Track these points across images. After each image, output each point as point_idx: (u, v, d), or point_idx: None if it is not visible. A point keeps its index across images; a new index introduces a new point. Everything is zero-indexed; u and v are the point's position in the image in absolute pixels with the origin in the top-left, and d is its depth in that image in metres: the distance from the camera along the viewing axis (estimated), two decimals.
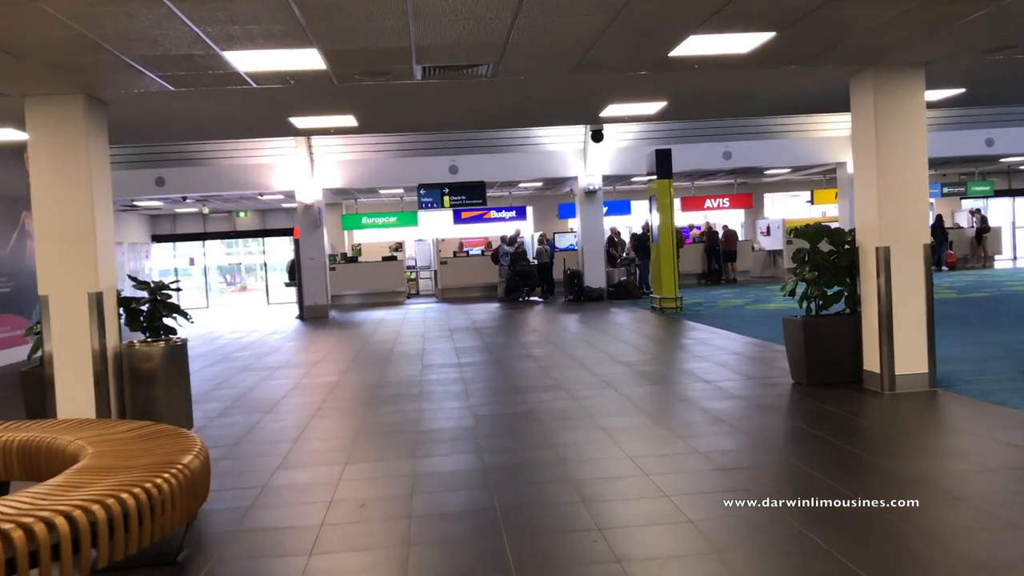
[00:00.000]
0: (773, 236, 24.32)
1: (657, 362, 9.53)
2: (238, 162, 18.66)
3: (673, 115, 9.31)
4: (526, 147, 19.03)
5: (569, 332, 12.89)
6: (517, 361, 9.88)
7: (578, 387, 7.82)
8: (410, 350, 11.45)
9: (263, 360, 11.29)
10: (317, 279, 19.01)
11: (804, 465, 4.92)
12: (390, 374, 9.37)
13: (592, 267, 19.49)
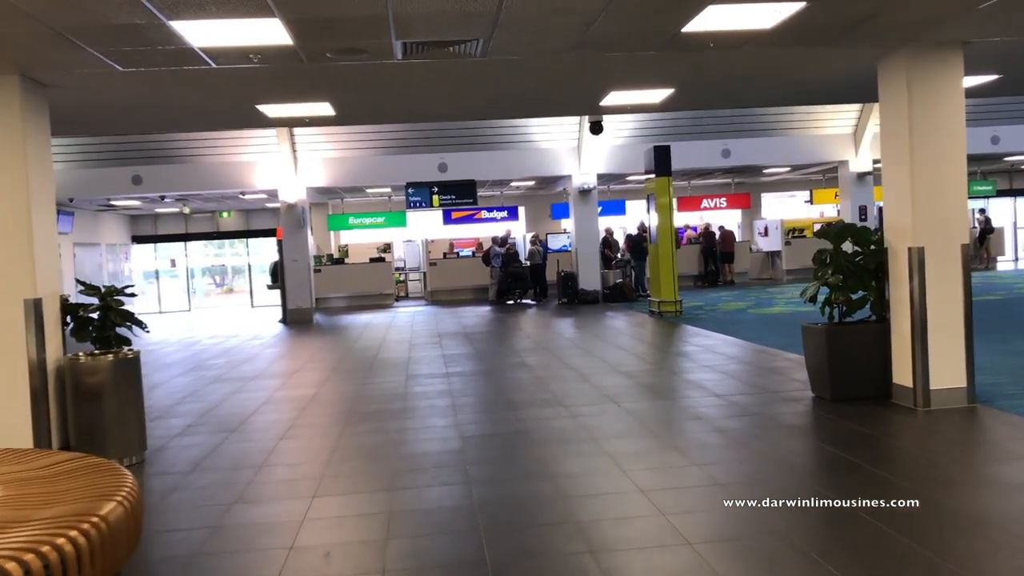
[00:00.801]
0: (771, 237, 23.68)
1: (661, 372, 8.83)
2: (219, 159, 17.90)
3: (680, 104, 8.60)
4: (518, 144, 18.33)
5: (564, 338, 12.20)
6: (510, 371, 9.17)
7: (577, 402, 7.12)
8: (395, 358, 10.73)
9: (238, 369, 10.55)
10: (301, 281, 18.25)
11: (844, 501, 4.22)
12: (372, 386, 8.64)
13: (587, 269, 18.79)
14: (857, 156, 19.09)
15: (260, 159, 17.95)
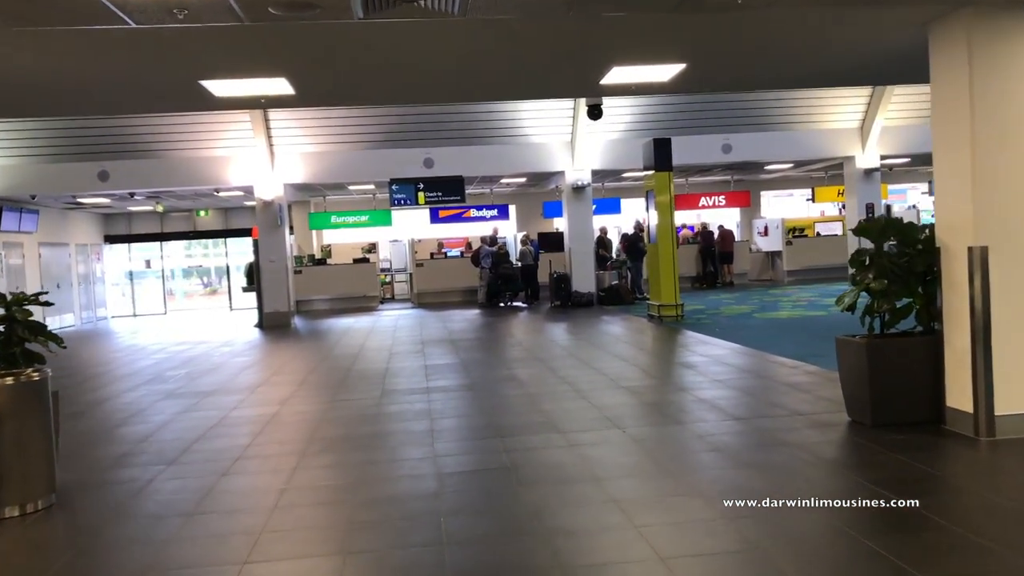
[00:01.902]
0: (772, 237, 22.78)
1: (667, 388, 7.85)
2: (191, 154, 16.85)
3: (690, 84, 7.60)
4: (509, 138, 17.34)
5: (558, 346, 11.21)
6: (498, 386, 8.17)
7: (574, 426, 6.13)
8: (372, 369, 9.72)
9: (198, 382, 9.52)
10: (278, 284, 17.21)
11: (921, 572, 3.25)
12: (342, 404, 7.63)
13: (580, 270, 17.82)
14: (864, 152, 18.18)
15: (235, 153, 16.91)
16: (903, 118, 17.97)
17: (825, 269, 21.47)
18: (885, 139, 18.07)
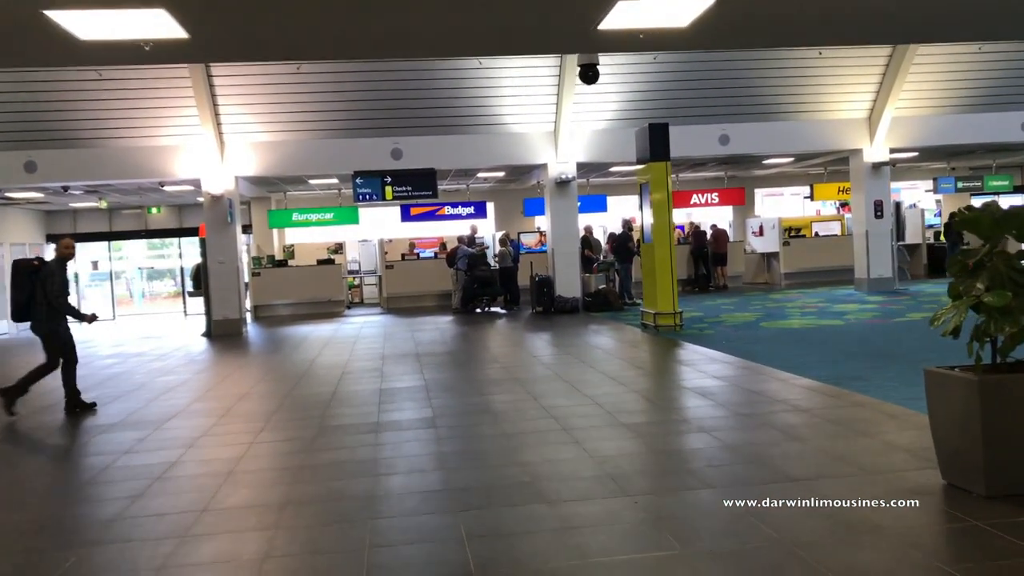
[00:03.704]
0: (767, 236, 21.27)
1: (683, 426, 6.19)
2: (131, 143, 15.03)
3: (717, 30, 5.92)
4: (485, 127, 15.66)
5: (542, 364, 9.54)
6: (467, 421, 6.50)
7: (566, 491, 4.47)
8: (315, 395, 8.01)
9: (103, 411, 7.76)
10: (228, 288, 15.42)
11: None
12: (261, 448, 5.93)
13: (565, 273, 16.18)
14: (872, 144, 16.68)
15: (181, 143, 15.12)
16: (915, 107, 16.50)
17: (824, 272, 20.02)
18: (894, 131, 16.58)
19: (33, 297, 7.38)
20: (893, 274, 17.03)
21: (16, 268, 7.56)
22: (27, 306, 7.43)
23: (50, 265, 7.55)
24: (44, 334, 7.55)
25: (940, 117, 16.64)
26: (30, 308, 7.43)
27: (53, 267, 7.52)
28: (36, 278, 7.39)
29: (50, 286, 7.34)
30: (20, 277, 7.45)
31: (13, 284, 7.48)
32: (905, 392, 6.55)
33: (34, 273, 7.43)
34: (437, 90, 14.83)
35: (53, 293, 7.34)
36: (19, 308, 7.47)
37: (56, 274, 7.45)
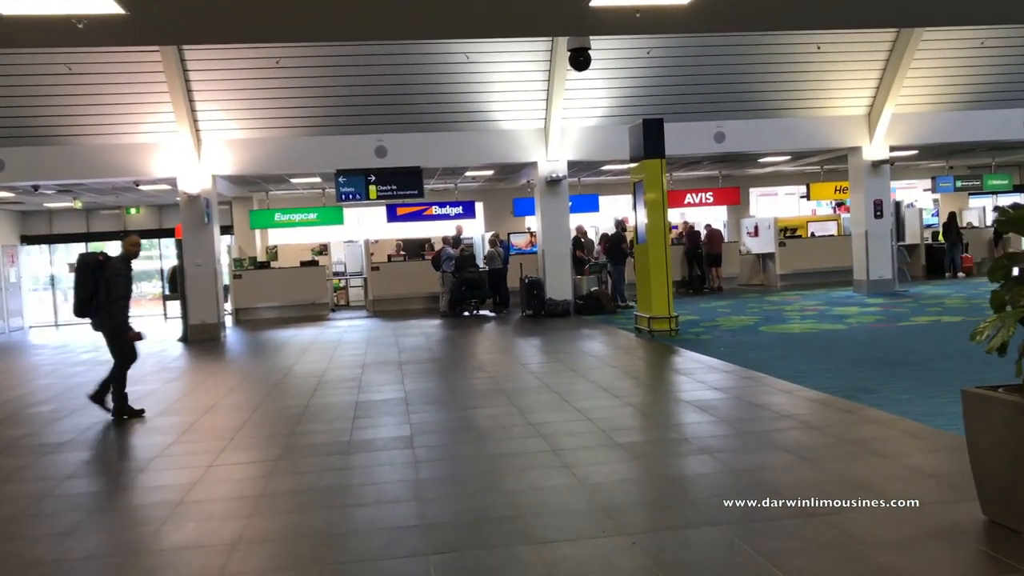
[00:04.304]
0: (762, 237, 20.78)
1: (683, 446, 5.65)
2: (104, 141, 14.41)
3: (721, 10, 5.37)
4: (473, 123, 15.12)
5: (530, 372, 9.00)
6: (447, 440, 5.96)
7: (553, 528, 3.94)
8: (286, 408, 7.46)
9: (50, 429, 7.19)
10: (206, 291, 14.83)
11: None
12: (221, 472, 5.37)
13: (555, 275, 15.64)
14: (872, 142, 16.21)
15: (157, 140, 14.51)
16: (915, 104, 16.04)
17: (821, 273, 19.56)
18: (894, 128, 16.11)
19: (96, 294, 7.20)
20: (893, 275, 16.56)
21: (81, 263, 7.37)
22: (89, 302, 7.25)
23: (115, 262, 7.31)
24: (111, 329, 7.31)
25: (941, 114, 16.18)
26: (93, 305, 7.26)
27: (119, 265, 7.30)
28: (100, 275, 7.21)
29: (115, 285, 7.18)
30: (84, 273, 7.26)
31: (77, 279, 7.30)
32: (922, 406, 6.05)
33: (98, 269, 7.24)
34: (422, 85, 14.29)
35: (117, 293, 7.20)
36: (82, 304, 7.29)
37: (122, 273, 7.28)
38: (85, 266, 7.31)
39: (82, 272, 7.29)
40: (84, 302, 7.28)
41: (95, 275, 7.23)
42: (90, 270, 7.26)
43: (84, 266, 7.32)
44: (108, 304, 7.20)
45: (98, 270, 7.25)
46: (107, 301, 7.19)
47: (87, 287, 7.24)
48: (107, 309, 7.21)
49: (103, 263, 7.29)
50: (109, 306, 7.20)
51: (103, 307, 7.22)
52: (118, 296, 7.22)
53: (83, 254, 7.55)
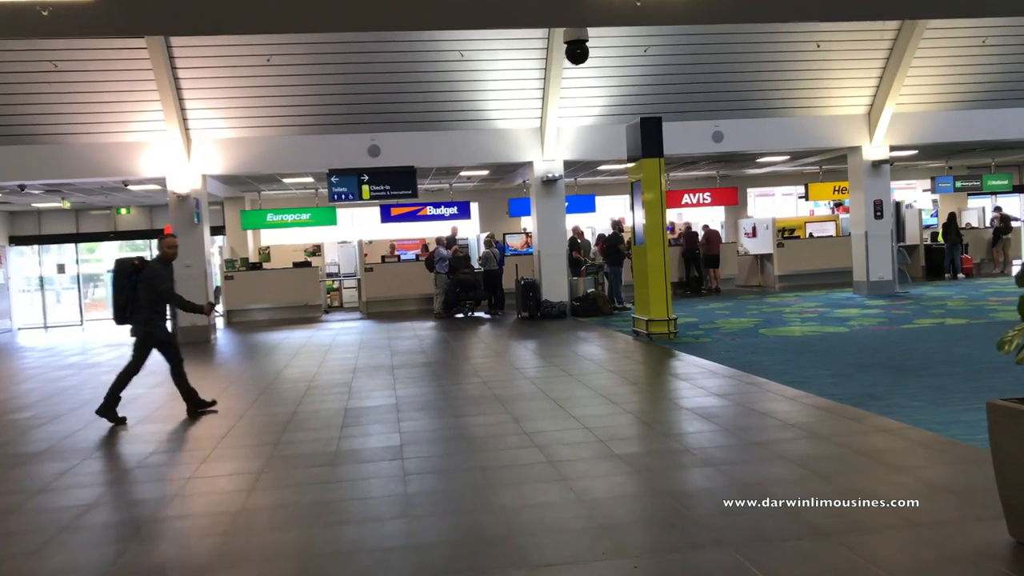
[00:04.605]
0: (760, 238, 20.56)
1: (685, 457, 5.40)
2: (91, 140, 14.14)
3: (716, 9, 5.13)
4: (468, 122, 14.87)
5: (524, 377, 8.74)
6: (437, 451, 5.71)
7: (549, 549, 3.68)
8: (272, 415, 7.20)
9: (21, 440, 6.92)
10: (195, 292, 14.49)
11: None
12: (198, 486, 5.11)
13: (551, 276, 15.40)
14: (872, 142, 16.00)
15: (146, 139, 14.24)
16: (916, 103, 15.83)
17: (820, 274, 19.38)
18: (894, 127, 15.90)
19: (133, 299, 7.09)
20: (893, 277, 16.34)
21: (118, 268, 7.25)
22: (126, 308, 7.17)
23: (152, 265, 7.18)
24: (140, 336, 7.22)
25: (942, 113, 15.97)
26: (129, 310, 7.18)
27: (157, 268, 7.17)
28: (136, 279, 7.09)
29: (160, 286, 7.06)
30: (121, 278, 7.16)
31: (115, 285, 7.20)
32: (933, 414, 5.82)
33: (135, 274, 7.13)
34: (416, 83, 14.03)
35: (167, 293, 7.11)
36: (121, 310, 7.20)
37: (162, 275, 7.15)
38: (121, 271, 7.19)
39: (119, 277, 7.18)
40: (122, 308, 7.17)
41: (131, 280, 7.11)
42: (126, 275, 7.14)
43: (120, 271, 7.20)
44: (146, 308, 7.07)
45: (134, 274, 7.11)
46: (146, 305, 7.06)
47: (124, 292, 7.13)
48: (142, 315, 7.09)
49: (139, 267, 7.16)
50: (146, 310, 7.07)
51: (138, 312, 7.10)
52: (169, 293, 7.13)
53: (120, 259, 7.39)
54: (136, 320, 7.16)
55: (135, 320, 7.17)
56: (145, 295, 7.04)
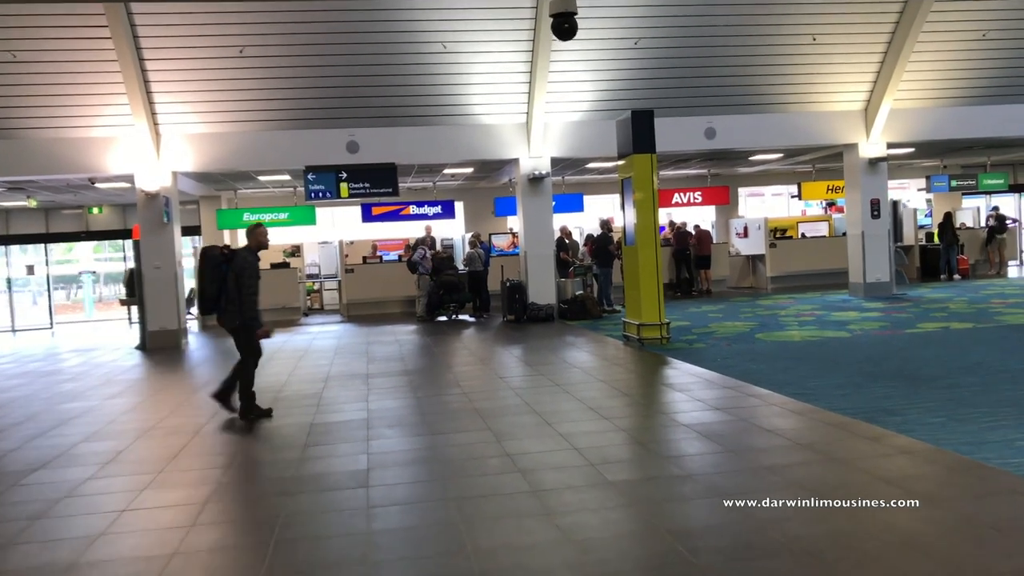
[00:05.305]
0: (752, 238, 20.05)
1: (690, 491, 4.82)
2: (54, 135, 13.42)
3: None
4: (451, 117, 14.25)
5: (508, 388, 8.13)
6: (411, 474, 5.09)
7: None
8: (230, 432, 6.56)
9: None
10: (166, 295, 13.88)
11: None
12: (114, 535, 4.47)
13: (538, 278, 14.80)
14: (869, 139, 15.48)
15: (114, 135, 13.54)
16: (914, 99, 15.32)
17: (813, 275, 18.90)
18: (892, 124, 15.40)
19: (224, 289, 6.84)
20: (891, 278, 15.84)
21: (206, 258, 6.99)
22: (217, 299, 6.93)
23: (243, 254, 6.90)
24: (235, 327, 6.97)
25: (941, 109, 15.47)
26: (221, 301, 6.93)
27: (249, 258, 6.90)
28: (227, 269, 6.84)
29: (247, 278, 6.80)
30: (211, 267, 6.91)
31: (204, 275, 6.95)
32: (958, 433, 5.26)
33: (225, 263, 6.88)
34: (397, 76, 13.40)
35: (250, 288, 6.83)
36: (211, 300, 6.97)
37: (253, 266, 6.90)
38: (210, 260, 6.94)
39: (208, 267, 6.92)
40: (212, 299, 6.93)
41: (222, 270, 6.85)
42: (216, 264, 6.89)
43: (209, 261, 6.95)
44: (238, 299, 6.79)
45: (224, 264, 6.85)
46: (237, 296, 6.78)
47: (214, 283, 6.88)
48: (236, 305, 6.81)
49: (229, 256, 6.91)
50: (239, 301, 6.79)
51: (232, 303, 6.82)
52: (250, 291, 6.83)
53: (206, 248, 7.16)
54: (230, 311, 6.87)
55: (229, 311, 6.88)
56: (234, 284, 6.76)
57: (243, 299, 6.80)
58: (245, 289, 6.80)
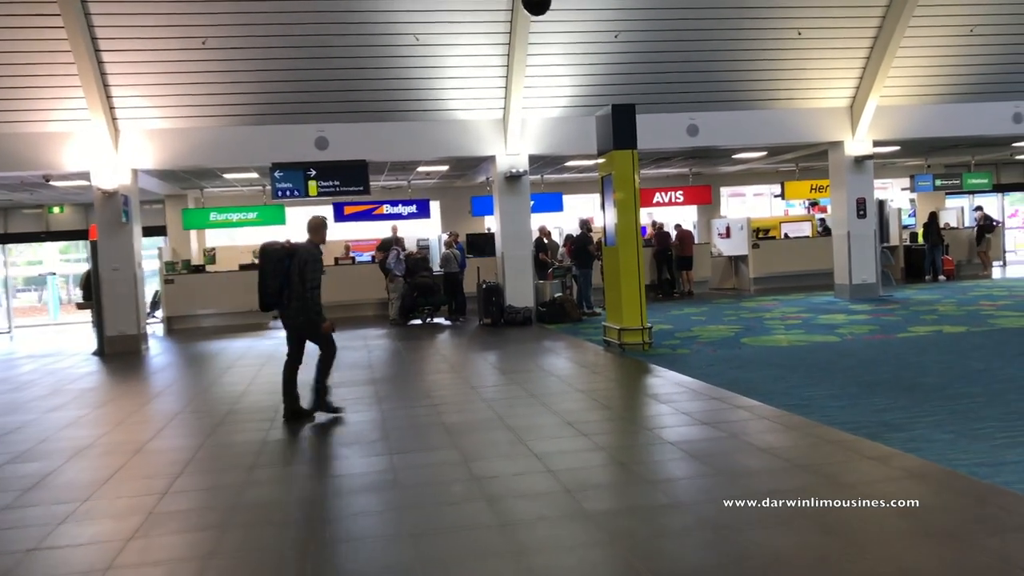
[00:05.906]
0: (735, 238, 19.65)
1: (680, 524, 4.30)
2: (8, 129, 12.70)
3: None
4: (425, 112, 13.68)
5: (482, 400, 7.57)
6: (365, 503, 4.53)
7: None
8: (174, 450, 5.96)
9: None
10: (125, 298, 13.21)
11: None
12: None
13: (516, 279, 14.27)
14: (855, 136, 15.09)
15: (69, 129, 12.85)
16: (901, 96, 14.95)
17: (797, 276, 18.54)
18: (878, 121, 15.02)
19: (287, 285, 6.66)
20: (877, 279, 15.46)
21: (268, 254, 6.79)
22: (280, 294, 6.76)
23: (307, 247, 6.72)
24: (302, 323, 6.82)
25: (927, 107, 15.11)
26: (284, 297, 6.76)
27: (313, 252, 6.72)
28: (289, 264, 6.66)
29: (311, 273, 6.62)
30: (273, 263, 6.74)
31: (267, 271, 6.74)
32: (969, 452, 4.78)
33: (288, 259, 6.69)
34: (368, 70, 12.82)
35: (313, 281, 6.64)
36: (273, 297, 6.80)
37: (317, 259, 6.74)
38: (272, 255, 6.75)
39: (270, 263, 6.74)
40: (275, 294, 6.76)
41: (284, 265, 6.67)
42: (278, 259, 6.71)
43: (271, 255, 6.76)
44: (303, 294, 6.61)
45: (287, 259, 6.67)
46: (301, 291, 6.61)
47: (277, 278, 6.71)
48: (300, 300, 6.64)
49: (291, 251, 6.74)
50: (303, 296, 6.61)
51: (297, 298, 6.64)
52: (314, 285, 6.65)
53: (267, 243, 6.97)
54: (294, 306, 6.71)
55: (292, 306, 6.72)
56: (298, 279, 6.57)
57: (307, 292, 6.58)
58: (309, 283, 6.59)
